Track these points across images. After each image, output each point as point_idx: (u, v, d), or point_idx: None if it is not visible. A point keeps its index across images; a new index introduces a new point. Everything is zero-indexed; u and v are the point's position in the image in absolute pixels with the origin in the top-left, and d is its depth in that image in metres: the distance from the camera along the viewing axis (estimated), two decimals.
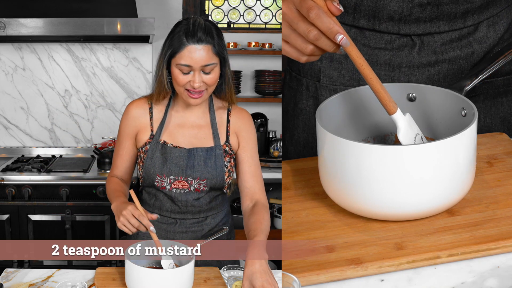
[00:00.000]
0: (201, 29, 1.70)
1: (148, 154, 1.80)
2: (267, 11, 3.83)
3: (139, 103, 1.85)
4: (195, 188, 1.80)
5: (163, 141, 1.81)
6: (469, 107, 1.45)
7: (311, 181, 1.57)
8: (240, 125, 1.85)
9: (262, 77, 3.67)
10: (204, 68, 1.71)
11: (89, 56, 3.67)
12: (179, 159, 1.79)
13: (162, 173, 1.79)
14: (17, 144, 3.70)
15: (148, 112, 1.83)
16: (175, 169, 1.79)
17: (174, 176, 1.79)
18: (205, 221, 1.84)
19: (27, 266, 2.98)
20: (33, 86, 3.66)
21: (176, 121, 1.83)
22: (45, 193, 3.08)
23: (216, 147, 1.81)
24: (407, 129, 1.44)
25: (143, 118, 1.83)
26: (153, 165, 1.79)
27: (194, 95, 1.73)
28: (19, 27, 3.21)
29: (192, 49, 1.69)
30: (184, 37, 1.70)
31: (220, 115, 1.85)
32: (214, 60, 1.72)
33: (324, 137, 1.42)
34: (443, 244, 1.34)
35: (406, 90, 1.56)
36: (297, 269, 1.30)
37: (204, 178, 1.80)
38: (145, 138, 1.83)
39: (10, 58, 3.63)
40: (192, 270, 1.58)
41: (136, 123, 1.83)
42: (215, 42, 1.71)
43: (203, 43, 1.70)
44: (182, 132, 1.83)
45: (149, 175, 1.81)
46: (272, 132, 3.64)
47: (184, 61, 1.69)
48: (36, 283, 1.64)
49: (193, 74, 1.71)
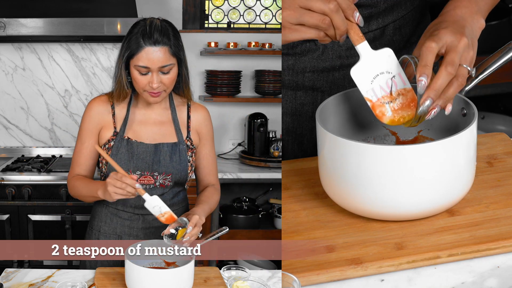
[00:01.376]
0: (157, 31, 1.73)
1: (113, 151, 1.82)
2: (267, 11, 3.83)
3: (101, 100, 1.87)
4: (160, 183, 1.83)
5: (128, 137, 1.84)
6: (469, 107, 1.45)
7: (311, 181, 1.57)
8: (200, 122, 1.92)
9: (262, 77, 3.67)
10: (162, 69, 1.74)
11: (89, 56, 3.67)
12: (146, 155, 1.82)
13: (128, 168, 1.81)
14: (17, 144, 3.70)
15: (111, 109, 1.86)
16: (141, 164, 1.82)
17: (141, 172, 1.82)
18: None
19: (27, 266, 2.98)
20: (33, 86, 3.66)
21: (139, 118, 1.87)
22: (45, 193, 3.08)
23: (180, 143, 1.86)
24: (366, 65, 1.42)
25: (106, 115, 1.85)
26: (118, 161, 1.81)
27: (153, 94, 1.77)
28: (19, 27, 3.21)
29: (149, 50, 1.72)
30: (141, 38, 1.73)
31: (180, 111, 1.90)
32: (171, 61, 1.75)
33: (324, 137, 1.42)
34: (443, 244, 1.34)
35: None
36: (297, 269, 1.30)
37: (169, 173, 1.83)
38: (108, 135, 1.84)
39: (10, 58, 3.63)
40: (192, 270, 1.58)
41: (99, 120, 1.86)
42: (171, 43, 1.75)
43: (159, 44, 1.73)
44: (145, 129, 1.86)
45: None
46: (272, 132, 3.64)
47: (142, 63, 1.73)
48: (36, 283, 1.64)
49: (151, 75, 1.74)
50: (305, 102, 1.77)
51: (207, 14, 3.80)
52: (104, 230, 1.88)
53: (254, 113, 3.62)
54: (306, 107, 1.77)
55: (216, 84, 3.63)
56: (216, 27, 3.80)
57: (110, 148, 1.83)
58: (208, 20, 3.81)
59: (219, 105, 3.76)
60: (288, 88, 1.76)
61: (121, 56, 1.78)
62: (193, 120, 1.90)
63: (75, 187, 1.86)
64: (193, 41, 3.67)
